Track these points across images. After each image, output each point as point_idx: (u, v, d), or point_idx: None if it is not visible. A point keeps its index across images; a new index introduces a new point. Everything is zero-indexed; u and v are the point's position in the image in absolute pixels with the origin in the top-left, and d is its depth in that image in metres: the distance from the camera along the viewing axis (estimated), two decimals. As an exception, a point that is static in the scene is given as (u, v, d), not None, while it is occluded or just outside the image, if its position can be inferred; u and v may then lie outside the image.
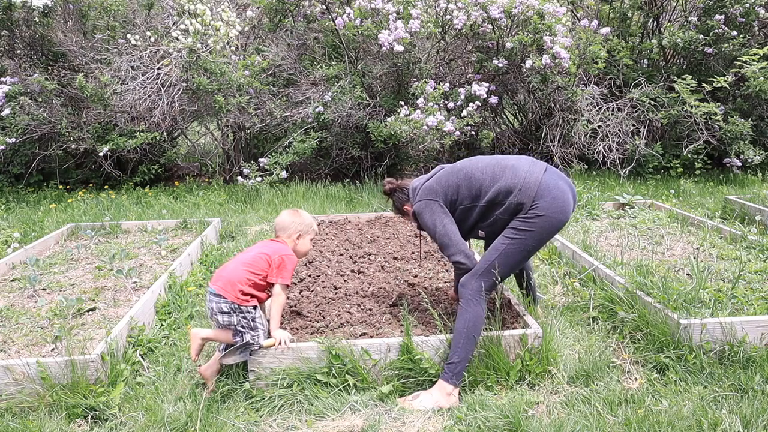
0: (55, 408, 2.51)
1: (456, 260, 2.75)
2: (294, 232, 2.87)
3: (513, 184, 2.67)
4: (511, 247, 2.66)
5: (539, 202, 2.63)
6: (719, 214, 5.68)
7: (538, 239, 2.67)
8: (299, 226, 2.88)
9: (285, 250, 2.81)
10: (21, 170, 7.19)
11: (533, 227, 2.64)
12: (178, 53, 6.66)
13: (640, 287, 3.28)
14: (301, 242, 2.89)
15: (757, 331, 2.81)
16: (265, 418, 2.49)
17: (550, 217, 2.63)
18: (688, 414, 2.40)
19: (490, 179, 2.73)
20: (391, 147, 7.12)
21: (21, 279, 4.00)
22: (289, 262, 2.77)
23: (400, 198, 3.06)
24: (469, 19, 6.64)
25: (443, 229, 2.74)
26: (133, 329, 3.10)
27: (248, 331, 2.63)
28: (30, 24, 7.51)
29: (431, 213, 2.78)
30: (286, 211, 2.95)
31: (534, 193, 2.63)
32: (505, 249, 2.67)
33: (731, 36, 7.19)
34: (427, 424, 2.42)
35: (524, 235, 2.65)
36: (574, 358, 2.87)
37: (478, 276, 2.69)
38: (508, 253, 2.67)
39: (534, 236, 2.65)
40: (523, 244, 2.66)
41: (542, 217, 2.63)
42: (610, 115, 7.48)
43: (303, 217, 2.92)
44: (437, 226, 2.75)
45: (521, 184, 2.66)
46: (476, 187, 2.74)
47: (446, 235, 2.74)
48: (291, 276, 2.78)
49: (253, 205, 6.39)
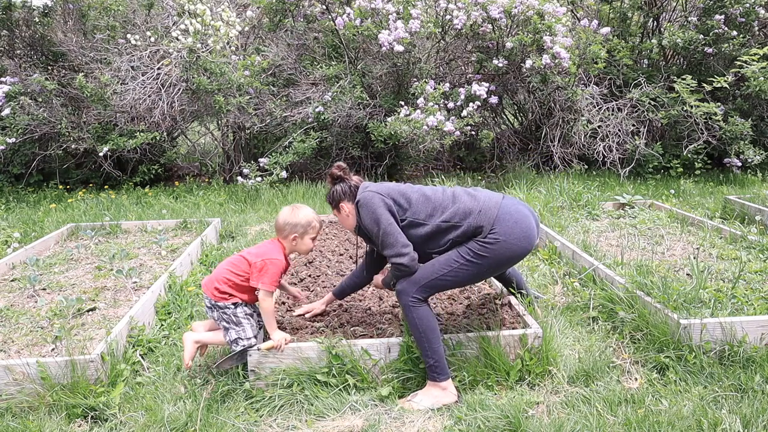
0: (55, 408, 2.51)
1: (398, 262, 2.53)
2: (289, 234, 2.73)
3: (472, 206, 2.56)
4: (464, 268, 2.53)
5: (498, 227, 2.50)
6: (719, 214, 5.68)
7: (496, 265, 2.54)
8: (294, 228, 2.72)
9: (271, 253, 2.69)
10: (21, 170, 7.19)
11: (491, 253, 2.50)
12: (178, 53, 6.67)
13: (640, 287, 3.28)
14: (299, 243, 2.76)
15: (757, 331, 2.81)
16: (265, 418, 2.49)
17: (511, 243, 2.51)
18: (688, 414, 2.40)
19: (447, 200, 2.62)
20: (391, 147, 7.13)
21: (21, 279, 4.00)
22: (272, 267, 2.65)
23: (343, 191, 2.73)
24: (469, 19, 6.64)
25: (388, 226, 2.53)
26: (133, 329, 3.10)
27: (231, 326, 2.67)
28: (30, 24, 7.51)
29: (376, 207, 2.56)
30: (285, 209, 2.78)
31: (494, 216, 2.52)
32: (457, 268, 2.53)
33: (731, 36, 7.19)
34: (427, 424, 2.42)
35: (480, 261, 2.52)
36: (574, 358, 2.87)
37: (420, 287, 2.55)
38: (458, 273, 2.54)
39: (491, 262, 2.52)
40: (478, 268, 2.53)
41: (501, 243, 2.50)
42: (610, 115, 7.48)
43: (300, 217, 2.72)
44: (381, 222, 2.53)
45: (481, 206, 2.55)
46: (431, 206, 2.60)
47: (390, 234, 2.53)
48: (275, 281, 2.65)
49: (253, 205, 6.39)
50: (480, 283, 3.63)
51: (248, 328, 2.68)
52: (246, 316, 2.70)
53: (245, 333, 2.66)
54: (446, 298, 3.43)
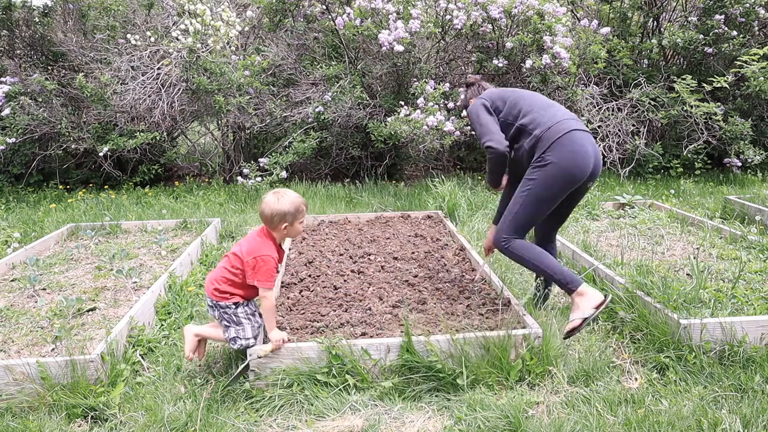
0: (55, 408, 2.51)
1: (488, 145, 2.91)
2: (280, 224, 2.64)
3: (546, 120, 2.87)
4: (527, 197, 2.87)
5: (554, 151, 2.79)
6: (719, 214, 5.68)
7: (549, 187, 2.82)
8: (284, 217, 2.62)
9: (262, 249, 2.62)
10: (21, 170, 7.18)
11: (540, 175, 2.82)
12: (178, 53, 6.66)
13: (640, 287, 3.28)
14: (290, 230, 2.68)
15: (757, 331, 2.81)
16: (265, 418, 2.49)
17: (560, 166, 2.77)
18: (688, 414, 2.40)
19: (532, 107, 2.97)
20: (391, 147, 7.12)
21: (21, 279, 4.00)
22: (265, 264, 2.59)
23: (474, 93, 3.31)
24: (469, 19, 6.64)
25: (485, 121, 2.99)
26: (133, 329, 3.10)
27: (232, 325, 2.67)
28: (30, 24, 7.51)
29: (478, 108, 3.07)
30: (269, 198, 2.64)
31: (555, 138, 2.79)
32: (523, 200, 2.89)
33: (731, 36, 7.19)
34: (427, 424, 2.42)
35: (532, 185, 2.85)
36: (574, 358, 2.87)
37: (506, 227, 2.95)
38: (526, 203, 2.88)
39: (541, 184, 2.82)
40: (533, 192, 2.85)
41: (552, 164, 2.78)
42: (610, 115, 7.48)
43: (288, 204, 2.62)
44: (480, 119, 3.01)
45: (551, 124, 2.84)
46: (518, 108, 2.99)
47: (485, 125, 2.98)
48: (271, 277, 2.61)
49: (253, 205, 6.39)
50: (480, 282, 3.63)
51: (248, 328, 2.67)
52: (247, 316, 2.69)
53: (245, 333, 2.66)
54: (446, 298, 3.43)
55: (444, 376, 2.63)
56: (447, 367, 2.64)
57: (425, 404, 2.56)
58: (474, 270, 3.91)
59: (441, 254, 4.29)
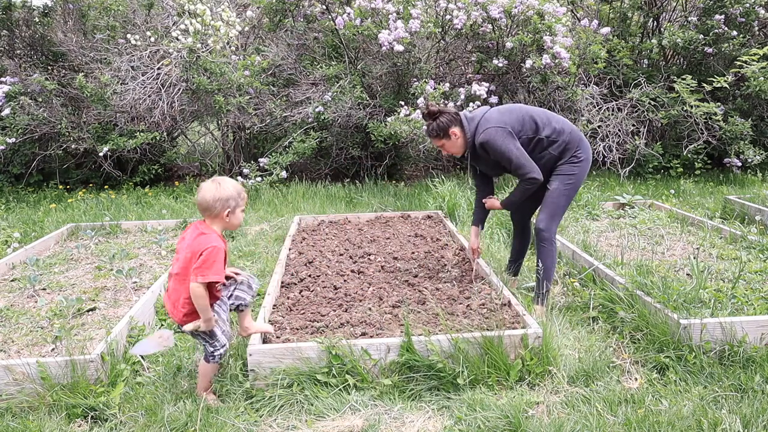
0: (55, 408, 2.51)
1: (532, 176, 3.13)
2: (222, 210, 2.48)
3: (564, 127, 3.26)
4: (570, 188, 3.26)
5: (581, 148, 3.26)
6: (719, 214, 5.68)
7: (582, 179, 3.30)
8: (227, 202, 2.47)
9: (210, 239, 2.45)
10: (21, 170, 7.18)
11: (579, 170, 3.25)
12: (178, 53, 6.66)
13: (640, 287, 3.28)
14: (232, 218, 2.52)
15: (757, 331, 2.81)
16: (265, 418, 2.48)
17: (588, 161, 3.29)
18: (688, 414, 2.40)
19: (546, 117, 3.24)
20: (391, 147, 7.12)
21: (21, 279, 4.00)
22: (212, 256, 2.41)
23: (449, 120, 3.23)
24: (469, 19, 6.64)
25: (518, 151, 3.13)
26: (133, 329, 3.10)
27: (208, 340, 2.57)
28: (30, 24, 7.50)
29: (504, 138, 3.13)
30: (208, 185, 2.49)
31: (579, 138, 3.26)
32: (568, 192, 3.25)
33: (731, 36, 7.19)
34: (427, 424, 2.42)
35: (575, 179, 3.25)
36: (574, 358, 2.87)
37: (554, 219, 3.27)
38: (569, 195, 3.27)
39: (580, 177, 3.27)
40: (575, 184, 3.26)
41: (584, 161, 3.26)
42: (610, 115, 7.48)
43: (230, 189, 2.49)
44: (512, 150, 3.12)
45: (570, 129, 3.26)
46: (535, 123, 3.21)
47: (521, 157, 3.13)
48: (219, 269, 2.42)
49: (253, 205, 6.39)
50: (480, 282, 3.64)
51: (221, 336, 2.57)
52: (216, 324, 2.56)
53: (219, 342, 2.57)
54: (446, 298, 3.43)
55: (444, 375, 2.64)
56: (447, 366, 2.64)
57: (425, 404, 2.56)
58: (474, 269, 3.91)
59: (441, 254, 4.28)
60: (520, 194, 3.27)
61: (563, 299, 3.70)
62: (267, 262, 4.46)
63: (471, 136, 3.23)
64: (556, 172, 3.28)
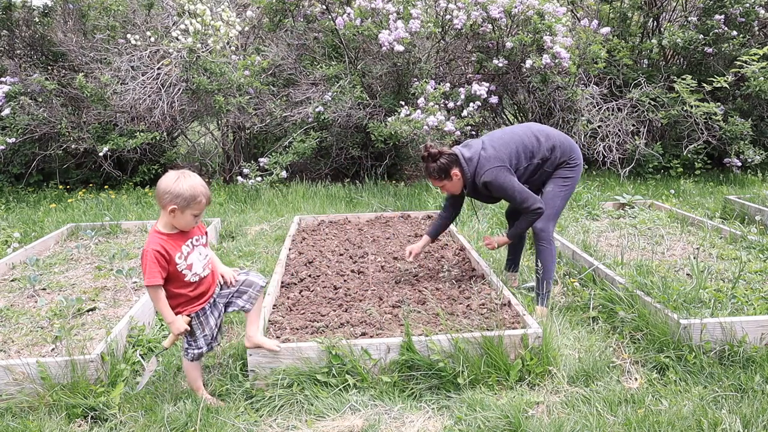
0: (55, 408, 2.51)
1: (537, 207, 3.27)
2: (168, 204, 2.31)
3: (554, 143, 3.37)
4: (566, 190, 3.40)
5: (575, 154, 3.41)
6: (719, 214, 5.68)
7: (576, 182, 3.46)
8: (175, 198, 2.30)
9: (147, 244, 2.35)
10: (21, 170, 7.18)
11: (574, 173, 3.41)
12: (178, 53, 6.66)
13: (640, 287, 3.28)
14: (178, 217, 2.35)
15: (757, 331, 2.81)
16: (265, 418, 2.48)
17: (581, 166, 3.46)
18: (688, 414, 2.40)
19: (537, 143, 3.35)
20: (391, 147, 7.12)
21: (21, 279, 4.00)
22: (143, 258, 2.33)
23: (449, 161, 3.34)
24: (469, 19, 6.64)
25: (520, 187, 3.28)
26: (133, 329, 3.10)
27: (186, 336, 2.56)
28: (30, 24, 7.50)
29: (505, 177, 3.26)
30: (169, 175, 2.35)
31: (570, 146, 3.41)
32: (563, 194, 3.39)
33: (731, 36, 7.19)
34: (427, 424, 2.42)
35: (571, 182, 3.41)
36: (574, 358, 2.87)
37: (551, 220, 3.36)
38: (565, 196, 3.40)
39: (575, 180, 3.43)
40: (570, 186, 3.41)
41: (578, 166, 3.43)
42: (610, 115, 7.48)
43: (184, 187, 2.31)
44: (515, 187, 3.26)
45: (560, 141, 3.39)
46: (529, 150, 3.35)
47: (523, 192, 3.27)
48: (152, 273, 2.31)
49: (253, 205, 6.39)
50: (480, 283, 3.64)
51: (200, 339, 2.54)
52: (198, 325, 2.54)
53: (197, 344, 2.55)
54: (446, 298, 3.43)
55: (445, 374, 2.64)
56: (448, 365, 2.64)
57: (425, 404, 2.56)
58: (474, 270, 3.91)
59: (441, 254, 4.28)
60: (526, 225, 3.39)
61: (563, 299, 3.70)
62: (267, 262, 4.46)
63: (471, 175, 3.33)
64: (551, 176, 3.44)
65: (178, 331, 2.44)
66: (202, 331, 2.54)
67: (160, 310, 2.40)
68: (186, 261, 2.41)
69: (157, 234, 2.38)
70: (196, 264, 2.45)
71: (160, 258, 2.34)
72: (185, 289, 2.45)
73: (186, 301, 2.47)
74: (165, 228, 2.40)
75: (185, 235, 2.44)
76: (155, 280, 2.33)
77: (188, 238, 2.44)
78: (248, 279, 2.64)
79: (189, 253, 2.43)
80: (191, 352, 2.55)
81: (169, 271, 2.38)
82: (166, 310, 2.40)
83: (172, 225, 2.40)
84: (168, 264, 2.37)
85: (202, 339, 2.54)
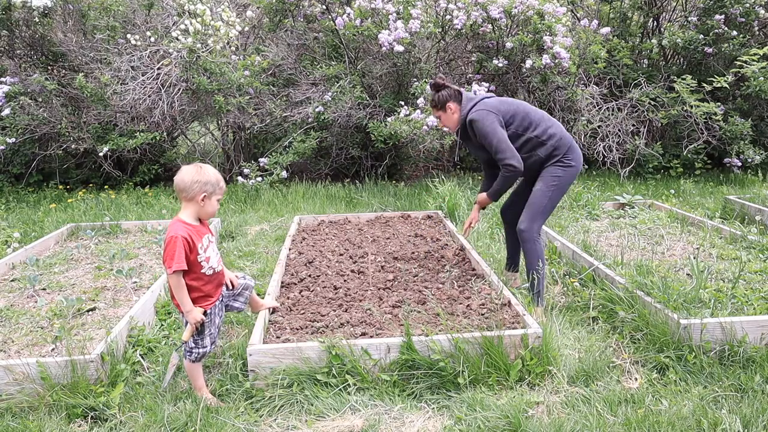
0: (55, 408, 2.51)
1: (509, 163, 3.19)
2: (198, 194, 2.45)
3: (556, 131, 3.32)
4: (554, 191, 3.30)
5: (571, 154, 3.32)
6: (719, 214, 5.67)
7: (567, 183, 3.35)
8: (204, 186, 2.46)
9: (170, 230, 2.43)
10: (21, 170, 7.18)
11: (565, 174, 3.30)
12: (178, 53, 6.66)
13: (640, 287, 3.28)
14: (207, 204, 2.49)
15: (757, 331, 2.81)
16: (265, 418, 2.48)
17: (577, 169, 3.36)
18: (688, 414, 2.40)
19: (540, 119, 3.32)
20: (391, 147, 7.12)
21: (21, 279, 4.00)
22: (169, 244, 2.38)
23: (449, 94, 3.39)
24: (469, 19, 6.64)
25: (502, 135, 3.22)
26: (133, 329, 3.10)
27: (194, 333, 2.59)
28: (30, 24, 7.50)
29: (491, 122, 3.23)
30: (188, 169, 2.48)
31: (569, 145, 3.33)
32: (551, 194, 3.30)
33: (731, 36, 7.19)
34: (427, 424, 2.42)
35: (559, 181, 3.30)
36: (574, 358, 2.87)
37: (536, 219, 3.31)
38: (552, 197, 3.31)
39: (565, 180, 3.32)
40: (560, 186, 3.31)
41: (573, 168, 3.32)
42: (610, 115, 7.48)
43: (209, 174, 2.49)
44: (497, 133, 3.21)
45: (561, 134, 3.33)
46: (528, 121, 3.29)
47: (503, 142, 3.21)
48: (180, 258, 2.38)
49: (253, 205, 6.39)
50: (480, 283, 3.64)
51: (207, 338, 2.56)
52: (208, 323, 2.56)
53: (202, 342, 2.56)
54: (446, 298, 3.43)
55: (445, 374, 2.64)
56: (448, 365, 2.64)
57: (425, 404, 2.56)
58: (474, 270, 3.92)
59: (441, 254, 4.29)
60: (502, 182, 3.33)
61: (563, 299, 3.70)
62: (267, 262, 4.46)
63: (464, 114, 3.35)
64: (542, 173, 3.36)
65: (195, 321, 2.49)
66: (209, 329, 2.57)
67: (181, 297, 2.46)
68: (205, 253, 2.52)
69: (182, 222, 2.47)
70: (213, 257, 2.56)
71: (186, 245, 2.42)
72: (198, 282, 2.51)
73: (199, 297, 2.52)
74: (189, 218, 2.50)
75: (203, 230, 2.54)
76: (182, 265, 2.40)
77: (206, 233, 2.55)
78: (245, 282, 2.82)
79: (207, 246, 2.53)
80: (196, 351, 2.57)
81: (190, 260, 2.45)
82: (186, 299, 2.47)
83: (197, 216, 2.52)
84: (190, 252, 2.45)
85: (208, 338, 2.57)
